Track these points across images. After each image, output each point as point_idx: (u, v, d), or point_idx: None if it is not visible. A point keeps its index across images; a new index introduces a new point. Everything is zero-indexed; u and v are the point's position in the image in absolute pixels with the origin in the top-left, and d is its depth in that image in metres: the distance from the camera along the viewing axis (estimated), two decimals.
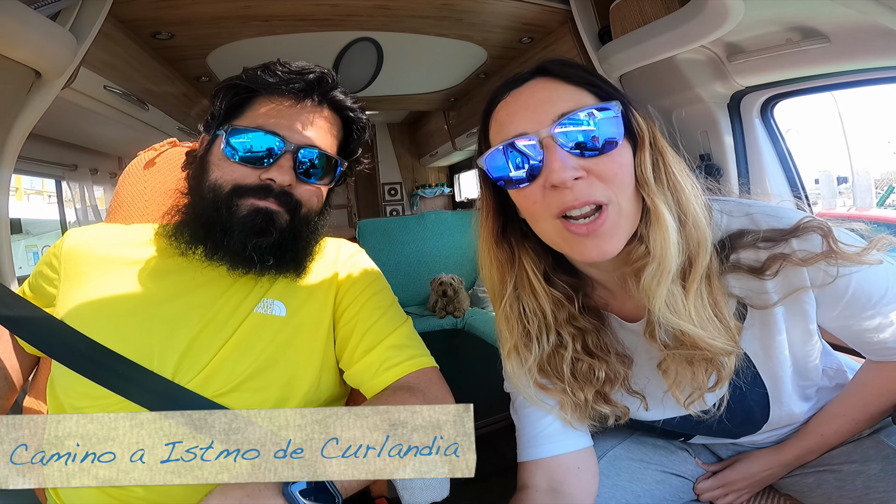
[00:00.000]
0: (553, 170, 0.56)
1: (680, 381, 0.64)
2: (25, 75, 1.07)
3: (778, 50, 1.06)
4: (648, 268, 0.58)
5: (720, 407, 0.66)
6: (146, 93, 1.69)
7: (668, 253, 0.57)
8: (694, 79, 1.32)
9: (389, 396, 0.71)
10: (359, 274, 0.84)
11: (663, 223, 0.57)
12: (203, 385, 0.68)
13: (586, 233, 0.57)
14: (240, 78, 0.75)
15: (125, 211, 0.94)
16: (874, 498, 0.67)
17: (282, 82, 0.73)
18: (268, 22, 1.52)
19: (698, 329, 0.58)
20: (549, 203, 0.58)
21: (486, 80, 2.36)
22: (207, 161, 0.75)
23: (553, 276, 0.68)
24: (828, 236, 0.59)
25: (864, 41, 0.93)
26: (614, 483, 0.76)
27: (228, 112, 0.75)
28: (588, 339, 0.68)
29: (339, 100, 0.78)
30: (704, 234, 0.59)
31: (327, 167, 0.76)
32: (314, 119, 0.75)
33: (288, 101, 0.74)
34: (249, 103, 0.75)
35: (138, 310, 0.71)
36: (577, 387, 0.68)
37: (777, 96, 1.32)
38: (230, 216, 0.71)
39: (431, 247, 2.99)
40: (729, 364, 0.61)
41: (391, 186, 4.61)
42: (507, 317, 0.69)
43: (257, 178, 0.71)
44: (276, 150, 0.71)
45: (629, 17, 1.31)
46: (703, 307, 0.59)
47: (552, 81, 0.61)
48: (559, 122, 0.57)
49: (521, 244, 0.68)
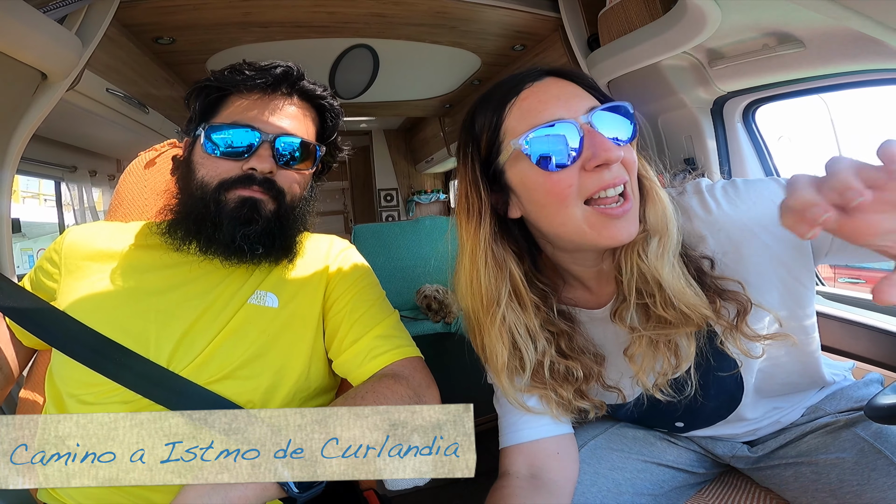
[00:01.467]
0: (605, 148, 0.59)
1: (645, 365, 0.67)
2: (32, 77, 1.11)
3: (756, 55, 1.10)
4: (650, 242, 0.62)
5: (691, 387, 0.68)
6: (147, 96, 1.72)
7: (669, 224, 0.62)
8: (678, 84, 1.36)
9: (375, 383, 0.73)
10: (349, 268, 0.87)
11: (660, 199, 0.63)
12: (197, 372, 0.70)
13: (621, 213, 0.60)
14: (209, 80, 0.79)
15: (125, 209, 0.97)
16: (848, 490, 0.69)
17: (249, 79, 0.77)
18: (266, 28, 1.57)
19: (693, 299, 0.62)
20: (585, 184, 0.60)
21: (481, 86, 2.41)
22: (192, 161, 0.79)
23: (533, 280, 0.70)
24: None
25: (838, 46, 0.96)
26: (595, 471, 0.78)
27: (204, 113, 0.79)
28: (562, 341, 0.70)
29: (307, 89, 0.82)
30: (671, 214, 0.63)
31: (305, 153, 0.80)
32: (285, 109, 0.79)
33: (257, 95, 0.78)
34: (223, 103, 0.79)
35: (136, 300, 0.74)
36: (558, 385, 0.70)
37: (758, 101, 1.36)
38: (219, 210, 0.75)
39: (427, 252, 3.00)
40: (689, 347, 0.65)
41: (387, 192, 4.64)
42: (500, 331, 0.67)
43: (240, 170, 0.76)
44: (255, 141, 0.75)
45: (616, 25, 1.35)
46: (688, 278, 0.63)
47: (567, 82, 0.65)
48: (592, 112, 0.61)
49: (507, 248, 0.69)
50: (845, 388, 0.83)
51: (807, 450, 0.76)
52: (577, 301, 0.74)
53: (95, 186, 2.66)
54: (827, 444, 0.74)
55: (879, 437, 0.70)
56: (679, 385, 0.68)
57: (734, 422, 0.78)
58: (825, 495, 0.71)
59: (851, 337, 1.15)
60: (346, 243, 0.93)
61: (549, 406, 0.72)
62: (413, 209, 4.59)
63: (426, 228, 3.05)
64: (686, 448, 0.86)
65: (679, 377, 0.67)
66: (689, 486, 0.85)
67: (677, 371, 0.66)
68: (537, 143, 0.61)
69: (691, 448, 0.87)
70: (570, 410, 0.73)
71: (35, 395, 0.87)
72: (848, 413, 0.78)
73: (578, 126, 0.60)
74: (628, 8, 1.29)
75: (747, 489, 0.83)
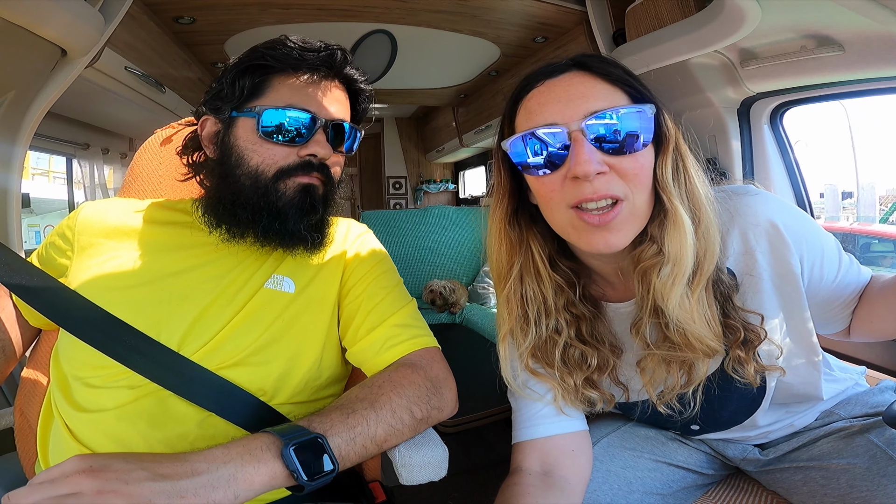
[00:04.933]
0: (578, 162, 0.57)
1: (655, 379, 0.67)
2: (51, 53, 1.09)
3: (792, 57, 1.08)
4: (663, 269, 0.60)
5: (693, 406, 0.68)
6: (164, 76, 1.71)
7: (684, 255, 0.59)
8: (705, 83, 1.34)
9: (392, 372, 0.71)
10: (366, 254, 0.85)
11: (681, 226, 0.59)
12: (207, 357, 0.69)
13: (598, 223, 0.59)
14: (255, 57, 0.74)
15: (139, 185, 0.96)
16: (858, 497, 0.67)
17: (300, 59, 0.74)
18: (287, 10, 1.54)
19: (703, 330, 0.61)
20: (567, 193, 0.60)
21: (498, 77, 2.38)
22: (234, 144, 0.74)
23: (557, 262, 0.70)
24: None
25: (878, 50, 0.94)
26: (608, 469, 0.77)
27: (250, 93, 0.74)
28: (583, 326, 0.70)
29: (349, 73, 0.80)
30: (714, 243, 0.61)
31: (351, 137, 0.80)
32: (334, 92, 0.77)
33: (304, 75, 0.74)
34: (267, 82, 0.74)
35: (150, 280, 0.72)
36: (567, 372, 0.69)
37: (787, 103, 1.33)
38: (278, 199, 0.72)
39: (434, 241, 2.99)
40: (703, 368, 0.64)
41: (396, 180, 4.63)
42: (508, 299, 0.70)
43: (297, 156, 0.73)
44: (312, 126, 0.73)
45: (644, 20, 1.33)
46: (704, 309, 0.62)
47: (589, 76, 0.61)
48: (590, 118, 0.58)
49: (530, 228, 0.70)
50: (860, 394, 0.81)
51: (819, 454, 0.75)
52: (604, 293, 0.74)
53: (107, 164, 2.66)
54: (839, 450, 0.73)
55: (893, 444, 0.69)
56: (685, 401, 0.68)
57: (749, 426, 0.77)
58: (834, 500, 0.70)
59: (864, 343, 1.13)
60: (363, 227, 0.91)
61: (555, 395, 0.72)
62: (421, 197, 4.58)
63: (434, 217, 3.04)
64: (697, 449, 0.86)
65: (685, 394, 0.67)
66: (698, 486, 0.85)
67: (686, 389, 0.66)
68: (518, 147, 0.62)
69: (702, 449, 0.87)
70: (578, 399, 0.72)
71: (38, 375, 0.85)
72: (862, 419, 0.76)
73: (568, 133, 0.58)
74: (659, 4, 1.26)
75: (754, 492, 0.82)
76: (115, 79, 1.45)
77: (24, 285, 0.71)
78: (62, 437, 0.68)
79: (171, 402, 0.67)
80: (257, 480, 0.52)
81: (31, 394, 0.83)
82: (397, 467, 0.69)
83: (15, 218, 1.24)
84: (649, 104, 0.60)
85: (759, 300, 0.66)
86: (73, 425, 0.67)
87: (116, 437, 0.65)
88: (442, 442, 0.72)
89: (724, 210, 0.66)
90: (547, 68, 0.63)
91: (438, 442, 0.72)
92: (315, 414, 0.62)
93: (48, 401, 0.74)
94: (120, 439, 0.64)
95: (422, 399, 0.69)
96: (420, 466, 0.68)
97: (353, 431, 0.60)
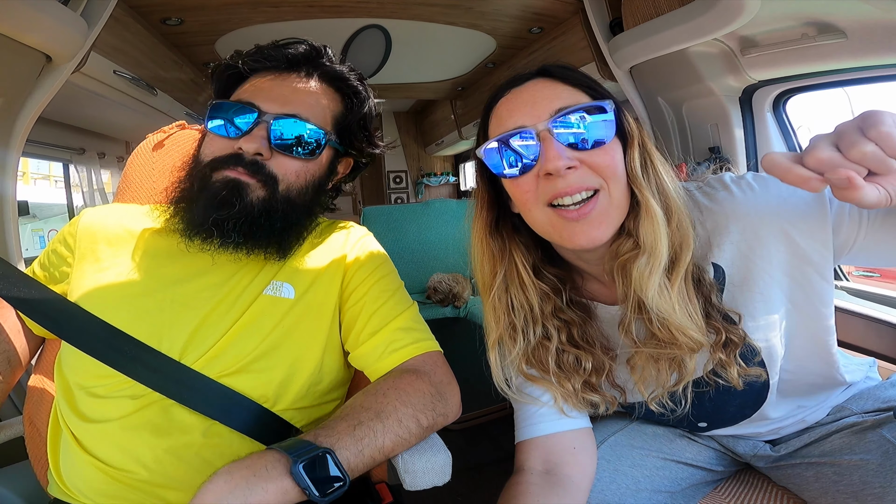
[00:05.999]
0: (549, 158, 0.59)
1: (645, 377, 0.67)
2: (36, 60, 1.08)
3: (793, 44, 1.05)
4: (639, 260, 0.60)
5: (685, 405, 0.68)
6: (155, 78, 1.69)
7: (659, 244, 0.60)
8: (705, 72, 1.31)
9: (396, 379, 0.70)
10: (366, 257, 0.83)
11: (653, 216, 0.60)
12: (209, 365, 0.68)
13: (576, 217, 0.60)
14: (231, 59, 0.76)
15: (133, 191, 0.95)
16: (870, 493, 0.67)
17: (267, 58, 0.73)
18: (277, 8, 1.52)
19: (684, 320, 0.61)
20: (542, 191, 0.61)
21: (495, 69, 2.35)
22: (201, 140, 0.77)
23: (542, 270, 0.71)
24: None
25: (881, 37, 0.92)
26: (615, 468, 0.77)
27: (222, 93, 0.77)
28: (574, 330, 0.70)
29: (327, 69, 0.76)
30: (688, 234, 0.62)
31: (313, 139, 0.74)
32: (298, 89, 0.74)
33: (271, 75, 0.74)
34: (242, 83, 0.76)
35: (151, 290, 0.72)
36: (564, 377, 0.69)
37: (790, 91, 1.31)
38: (201, 188, 0.71)
39: (435, 235, 2.97)
40: (690, 364, 0.64)
41: (396, 174, 4.60)
42: (494, 308, 0.71)
43: (231, 149, 0.71)
44: (250, 119, 0.71)
45: (642, 9, 1.30)
46: (686, 302, 0.62)
47: (552, 82, 0.64)
48: (556, 117, 0.60)
49: (513, 237, 0.70)
50: (872, 389, 0.80)
51: (830, 450, 0.74)
52: (594, 294, 0.73)
53: (104, 168, 2.65)
54: (852, 445, 0.72)
55: None
56: (677, 399, 0.68)
57: (758, 421, 0.77)
58: (846, 497, 0.69)
59: (874, 334, 1.13)
60: (363, 230, 0.90)
61: (556, 400, 0.71)
62: (422, 191, 4.56)
63: (436, 211, 3.02)
64: (706, 446, 0.85)
65: (676, 392, 0.67)
66: (706, 483, 0.84)
67: (677, 387, 0.66)
68: (491, 153, 0.64)
69: (711, 446, 0.86)
70: (579, 402, 0.71)
71: (45, 384, 0.85)
72: (875, 414, 0.75)
73: (536, 133, 0.60)
74: None
75: (764, 488, 0.82)
76: (104, 83, 1.43)
77: (22, 297, 0.70)
78: (71, 447, 0.68)
79: (175, 411, 0.66)
80: (271, 499, 0.52)
81: (39, 402, 0.83)
82: (401, 473, 0.69)
83: (12, 225, 1.23)
84: (609, 101, 0.62)
85: (752, 297, 0.65)
86: (81, 435, 0.67)
87: (123, 448, 0.65)
88: (445, 447, 0.72)
89: (712, 203, 0.65)
90: (513, 79, 0.67)
91: (441, 447, 0.71)
92: (321, 427, 0.61)
93: (55, 410, 0.74)
94: (127, 449, 0.64)
95: (427, 407, 0.69)
96: (423, 472, 0.68)
97: (360, 444, 0.60)
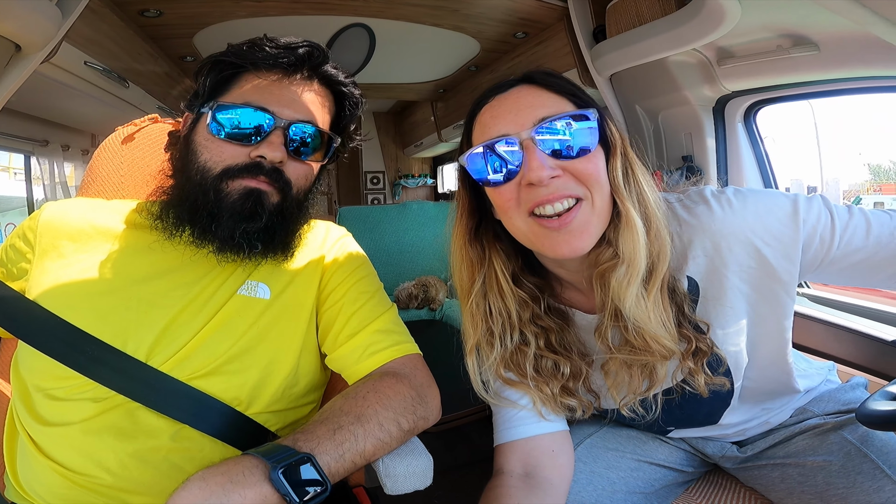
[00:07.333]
0: (531, 168, 0.59)
1: (618, 382, 0.68)
2: (5, 48, 1.02)
3: (768, 56, 1.10)
4: (618, 269, 0.61)
5: (655, 410, 0.69)
6: (128, 70, 1.63)
7: (637, 255, 0.60)
8: (683, 81, 1.36)
9: (376, 382, 0.70)
10: (345, 258, 0.82)
11: (633, 226, 0.60)
12: (178, 367, 0.66)
13: (558, 226, 0.60)
14: (225, 54, 0.72)
15: (99, 185, 0.91)
16: (834, 494, 0.69)
17: (269, 57, 0.70)
18: (261, 2, 1.49)
19: (659, 329, 0.62)
20: (524, 199, 0.61)
21: (478, 72, 2.37)
22: (193, 141, 0.72)
23: (521, 278, 0.71)
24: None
25: (852, 51, 0.96)
26: (591, 470, 0.78)
27: (214, 89, 0.72)
28: (551, 337, 0.70)
29: (330, 74, 0.75)
30: (665, 245, 0.62)
31: (319, 143, 0.74)
32: (305, 93, 0.73)
33: (276, 75, 0.71)
34: (235, 80, 0.72)
35: (117, 288, 0.69)
36: (542, 381, 0.70)
37: (761, 102, 1.37)
38: (219, 200, 0.68)
39: (412, 237, 2.95)
40: (662, 371, 0.65)
41: (374, 175, 4.57)
42: (472, 314, 0.71)
43: (247, 157, 0.69)
44: (266, 126, 0.69)
45: (625, 17, 1.33)
46: (660, 311, 0.63)
47: (536, 88, 0.64)
48: (540, 126, 0.60)
49: (493, 245, 0.70)
50: (833, 391, 0.84)
51: (794, 451, 0.77)
52: (572, 302, 0.74)
53: (68, 161, 2.53)
54: (815, 447, 0.75)
55: (866, 441, 0.71)
56: (648, 405, 0.69)
57: (724, 424, 0.79)
58: (811, 497, 0.72)
59: (833, 339, 1.18)
60: (342, 231, 0.89)
61: (534, 404, 0.72)
62: (399, 192, 4.54)
63: (413, 213, 2.98)
64: (677, 447, 0.88)
65: (648, 398, 0.69)
66: (678, 484, 0.87)
67: (647, 393, 0.68)
68: (475, 160, 0.64)
69: (682, 447, 0.88)
70: (557, 406, 0.72)
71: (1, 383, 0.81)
72: (835, 416, 0.79)
73: (519, 142, 0.60)
74: (640, 1, 1.26)
75: (733, 489, 0.84)
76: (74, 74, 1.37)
77: None
78: (29, 451, 0.64)
79: (141, 414, 0.64)
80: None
81: None
82: (382, 477, 0.68)
83: None
84: (592, 109, 0.62)
85: (723, 310, 0.67)
86: (39, 439, 0.64)
87: (85, 452, 0.62)
88: (426, 450, 0.71)
89: (691, 217, 0.66)
90: (497, 85, 0.67)
91: (423, 451, 0.71)
92: (300, 431, 0.59)
93: (11, 413, 0.70)
94: (89, 454, 0.62)
95: (408, 410, 0.69)
96: (405, 476, 0.67)
97: (341, 448, 0.59)
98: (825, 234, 0.63)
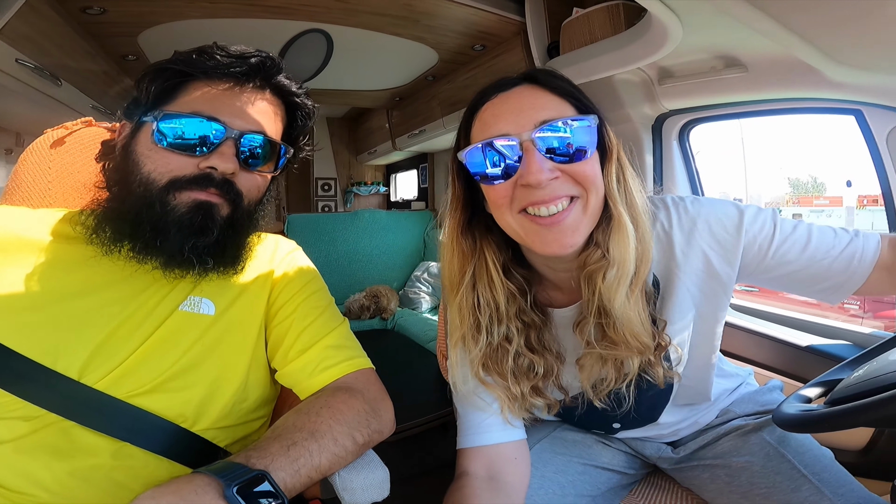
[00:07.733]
0: (530, 171, 0.60)
1: (592, 375, 0.71)
2: None
3: (702, 76, 1.19)
4: (608, 272, 0.63)
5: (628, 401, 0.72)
6: (61, 68, 1.50)
7: (627, 259, 0.63)
8: (627, 99, 1.44)
9: (329, 397, 0.69)
10: (295, 272, 0.82)
11: (624, 230, 0.63)
12: (115, 385, 0.63)
13: (549, 224, 0.62)
14: (173, 61, 0.69)
15: (24, 192, 0.84)
16: (757, 493, 0.73)
17: (221, 66, 0.68)
18: (214, 3, 1.43)
19: (638, 327, 0.66)
20: (518, 198, 0.63)
21: (434, 82, 2.40)
22: (134, 151, 0.68)
23: (511, 269, 0.73)
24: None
25: (778, 72, 1.04)
26: (542, 475, 0.80)
27: (157, 98, 0.69)
28: (532, 334, 0.72)
29: (283, 84, 0.74)
30: (649, 248, 0.66)
31: (271, 154, 0.73)
32: (257, 103, 0.71)
33: (226, 84, 0.69)
34: (182, 88, 0.69)
35: (45, 304, 0.64)
36: (515, 381, 0.72)
37: (694, 120, 1.48)
38: (165, 214, 0.65)
39: (364, 246, 2.91)
40: (633, 364, 0.69)
41: (325, 181, 4.47)
42: (460, 307, 0.72)
43: (195, 168, 0.66)
44: (217, 136, 0.67)
45: (578, 34, 1.40)
46: (640, 309, 0.66)
47: (538, 89, 0.65)
48: (540, 128, 0.61)
49: (485, 236, 0.71)
50: (752, 393, 0.90)
51: (721, 452, 0.81)
52: (551, 299, 0.76)
53: None
54: (738, 448, 0.79)
55: (783, 442, 0.76)
56: (618, 397, 0.73)
57: (661, 423, 0.84)
58: (738, 497, 0.75)
59: (753, 345, 1.27)
60: (292, 244, 0.88)
61: (503, 406, 0.74)
62: (351, 200, 4.47)
63: (365, 221, 2.95)
64: (618, 450, 0.90)
65: (620, 390, 0.72)
66: (622, 486, 0.89)
67: (619, 385, 0.71)
68: (473, 156, 0.64)
69: (623, 450, 0.91)
70: (522, 408, 0.75)
71: None
72: (755, 416, 0.84)
73: (519, 143, 0.61)
74: (592, 19, 1.34)
75: (671, 489, 0.88)
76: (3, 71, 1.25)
77: None
78: None
79: (77, 432, 0.61)
80: None
81: None
82: (339, 491, 0.67)
83: None
84: (593, 115, 0.64)
85: (674, 308, 0.71)
86: None
87: (19, 471, 0.58)
88: (382, 463, 0.72)
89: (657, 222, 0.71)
90: (500, 82, 0.67)
91: (379, 463, 0.71)
92: (252, 448, 0.58)
93: None
94: (24, 473, 0.58)
95: (362, 424, 0.69)
96: (362, 489, 0.67)
97: (296, 464, 0.58)
98: (763, 244, 0.69)
